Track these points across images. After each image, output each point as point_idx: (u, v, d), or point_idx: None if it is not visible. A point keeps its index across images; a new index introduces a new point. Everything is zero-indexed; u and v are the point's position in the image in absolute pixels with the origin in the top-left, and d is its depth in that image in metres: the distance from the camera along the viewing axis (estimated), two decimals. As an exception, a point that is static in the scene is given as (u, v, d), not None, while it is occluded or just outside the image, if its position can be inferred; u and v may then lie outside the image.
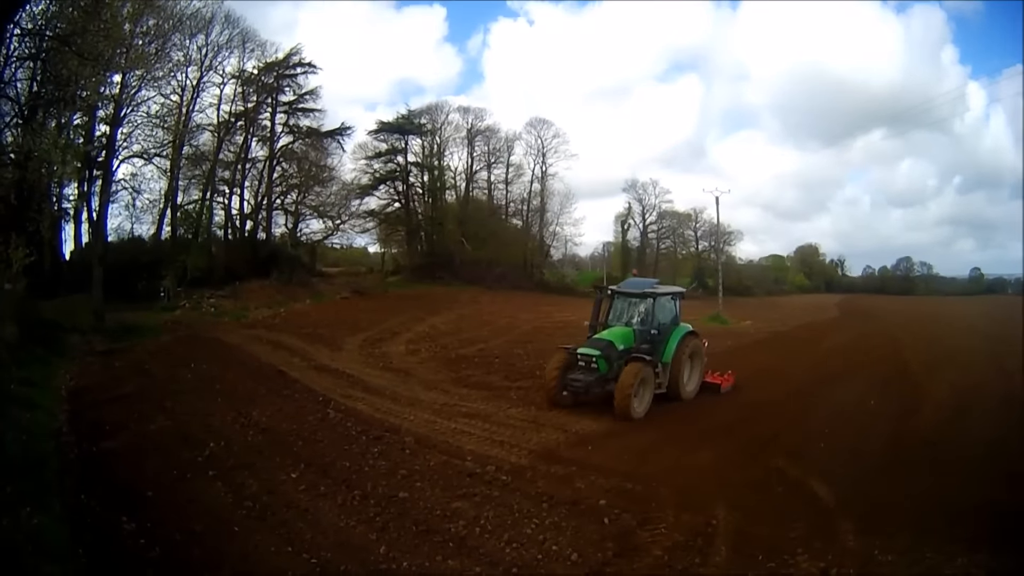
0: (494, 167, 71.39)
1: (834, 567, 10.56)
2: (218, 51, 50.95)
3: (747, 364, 28.92)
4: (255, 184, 56.87)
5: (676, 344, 22.73)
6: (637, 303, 23.43)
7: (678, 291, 25.16)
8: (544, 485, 14.46)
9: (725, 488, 14.01)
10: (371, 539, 12.04)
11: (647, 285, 23.97)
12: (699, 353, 23.91)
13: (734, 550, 11.24)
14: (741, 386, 24.36)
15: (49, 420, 17.53)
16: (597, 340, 21.84)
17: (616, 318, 23.60)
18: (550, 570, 10.88)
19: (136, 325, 35.03)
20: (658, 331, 22.63)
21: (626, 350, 21.50)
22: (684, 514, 12.73)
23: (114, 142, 39.25)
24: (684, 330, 23.53)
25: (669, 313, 23.87)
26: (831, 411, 20.98)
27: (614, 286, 24.46)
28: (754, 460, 16.11)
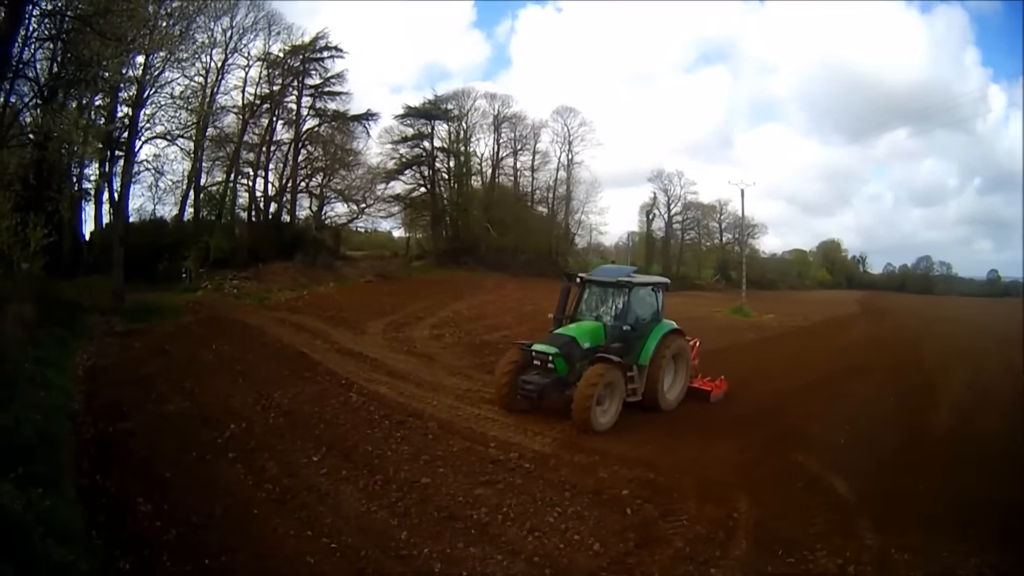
0: (520, 154, 70.84)
1: (852, 564, 10.63)
2: (243, 34, 50.73)
3: (770, 356, 30.30)
4: (280, 167, 56.72)
5: (655, 343, 19.83)
6: (610, 294, 20.57)
7: (661, 282, 21.96)
8: (567, 473, 14.48)
9: (747, 481, 14.08)
10: (392, 524, 12.02)
11: (623, 273, 20.63)
12: (685, 355, 21.09)
13: (755, 544, 11.30)
14: (765, 378, 24.28)
15: (65, 400, 17.31)
16: (557, 336, 19.30)
17: (585, 311, 20.82)
18: (572, 560, 10.89)
19: (157, 306, 34.94)
20: (634, 328, 19.76)
21: (592, 349, 18.91)
22: (706, 506, 12.80)
23: (136, 123, 39.00)
24: (666, 327, 20.53)
25: (649, 307, 20.84)
26: (851, 405, 20.89)
27: (584, 274, 21.40)
28: (776, 453, 16.14)
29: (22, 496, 9.13)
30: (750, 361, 28.45)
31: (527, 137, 70.24)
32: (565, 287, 21.16)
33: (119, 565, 9.97)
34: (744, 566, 10.57)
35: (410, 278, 55.96)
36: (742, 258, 64.43)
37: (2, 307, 21.07)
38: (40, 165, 32.70)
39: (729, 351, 30.36)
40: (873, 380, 24.65)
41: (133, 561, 10.17)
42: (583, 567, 10.67)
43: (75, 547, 9.18)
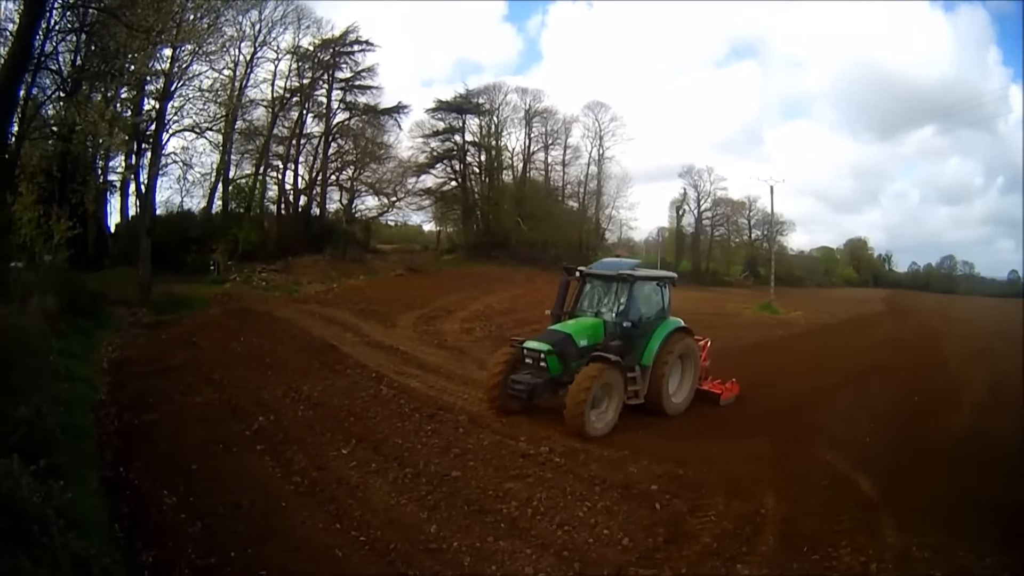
0: (551, 148, 71.02)
1: (874, 562, 10.60)
2: (272, 27, 50.86)
3: (797, 354, 30.39)
4: (310, 160, 56.94)
5: (660, 342, 18.78)
6: (611, 289, 19.53)
7: (667, 276, 20.92)
8: (597, 468, 14.46)
9: (774, 477, 14.10)
10: (422, 517, 11.99)
11: (626, 267, 19.44)
12: (693, 355, 19.96)
13: (781, 540, 11.32)
14: (792, 375, 24.21)
15: (89, 392, 17.30)
16: (551, 332, 18.25)
17: (585, 307, 19.78)
18: (601, 554, 10.88)
19: (184, 298, 34.97)
20: (636, 325, 18.72)
21: (589, 347, 17.90)
22: (734, 502, 12.83)
23: (164, 115, 39.05)
24: (672, 325, 19.50)
25: (653, 303, 19.82)
26: (875, 404, 20.41)
27: (583, 267, 20.43)
28: (802, 450, 16.04)
29: (42, 488, 8.91)
30: (778, 358, 28.87)
31: (558, 132, 70.51)
32: (564, 281, 20.22)
33: (142, 557, 9.88)
34: (770, 562, 10.60)
35: (441, 272, 55.96)
36: (770, 255, 64.91)
37: (24, 299, 21.05)
38: (64, 157, 32.82)
39: (757, 348, 31.23)
40: (897, 379, 24.30)
41: (156, 553, 10.08)
42: (612, 561, 10.65)
43: (96, 539, 9.07)
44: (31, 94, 24.19)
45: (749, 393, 21.20)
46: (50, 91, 27.86)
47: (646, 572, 10.37)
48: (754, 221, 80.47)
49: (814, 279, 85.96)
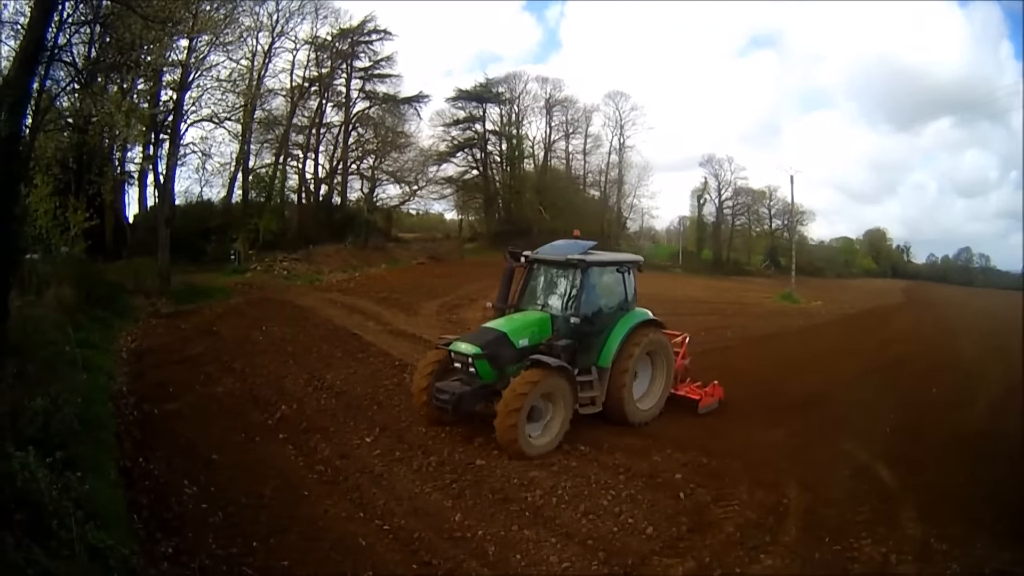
0: (572, 137, 70.72)
1: (894, 553, 10.64)
2: (290, 17, 50.33)
3: (818, 344, 30.22)
4: (330, 149, 56.81)
5: (621, 339, 16.47)
6: (561, 277, 17.06)
7: (630, 260, 18.07)
8: (621, 457, 14.53)
9: (797, 467, 14.13)
10: (446, 506, 12.10)
11: (579, 250, 16.86)
12: (664, 352, 17.76)
13: (803, 530, 11.37)
14: (813, 365, 24.12)
15: (107, 382, 17.31)
16: (484, 331, 15.88)
17: (531, 298, 17.33)
18: (625, 543, 10.96)
19: (205, 287, 34.99)
20: (590, 320, 16.35)
21: (531, 347, 15.54)
22: (757, 491, 12.89)
23: (181, 106, 39.00)
24: (637, 318, 17.11)
25: (613, 293, 17.42)
26: (895, 395, 20.33)
27: (529, 252, 17.72)
28: (825, 440, 16.01)
29: (59, 480, 8.90)
30: (799, 348, 28.88)
31: (579, 120, 70.22)
32: (508, 268, 17.61)
33: (161, 548, 9.90)
34: (793, 553, 10.62)
35: (462, 260, 56.00)
36: (791, 245, 65.24)
37: (40, 290, 21.17)
38: (80, 149, 33.00)
39: (778, 338, 31.48)
40: (915, 371, 24.28)
41: (177, 543, 10.13)
42: (636, 550, 10.71)
43: (114, 531, 9.01)
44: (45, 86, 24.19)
45: (771, 382, 21.14)
46: (64, 83, 27.87)
47: (670, 561, 10.40)
48: (774, 211, 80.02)
49: (834, 269, 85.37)
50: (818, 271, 77.65)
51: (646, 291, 39.66)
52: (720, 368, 21.45)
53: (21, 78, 13.77)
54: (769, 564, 10.28)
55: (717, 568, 10.18)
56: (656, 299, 25.43)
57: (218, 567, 9.75)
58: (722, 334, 30.06)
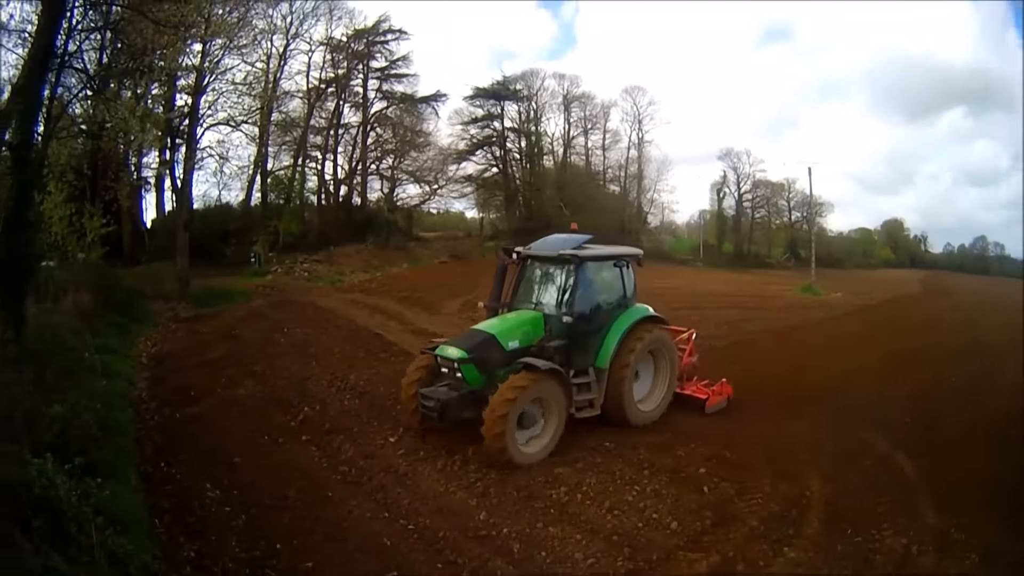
0: (591, 133, 70.19)
1: (915, 544, 10.70)
2: (304, 19, 50.38)
3: (839, 335, 30.16)
4: (349, 149, 56.87)
5: (619, 338, 15.82)
6: (554, 274, 16.36)
7: (628, 253, 17.33)
8: (646, 452, 14.49)
9: (819, 459, 14.08)
10: (471, 504, 12.16)
11: (573, 244, 16.14)
12: (667, 350, 17.03)
13: (825, 523, 11.40)
14: (835, 356, 24.24)
15: (127, 387, 17.41)
16: (472, 333, 15.25)
17: (524, 297, 16.61)
18: (650, 538, 11.03)
19: (225, 290, 35.16)
20: (586, 318, 15.64)
21: (521, 349, 14.83)
22: (780, 484, 12.93)
23: (197, 110, 39.11)
24: (636, 315, 16.47)
25: (610, 289, 16.71)
26: (914, 385, 20.44)
27: (521, 247, 16.94)
28: (846, 431, 15.96)
29: (79, 486, 8.93)
30: (820, 339, 28.93)
31: (597, 116, 69.77)
32: (500, 265, 16.96)
33: (183, 552, 9.95)
34: (815, 545, 10.67)
35: (484, 258, 55.58)
36: (811, 237, 64.99)
37: (57, 297, 21.24)
38: (95, 155, 33.26)
39: (799, 330, 31.31)
40: (934, 360, 24.29)
41: (199, 547, 10.18)
42: (661, 545, 10.79)
43: (135, 536, 9.05)
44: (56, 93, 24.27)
45: (793, 374, 21.23)
46: (76, 90, 27.97)
47: (694, 556, 10.46)
48: (793, 203, 79.78)
49: (853, 260, 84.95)
50: (837, 263, 77.19)
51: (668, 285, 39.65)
52: (742, 361, 22.06)
53: (31, 85, 13.80)
54: (792, 557, 10.33)
55: (741, 562, 10.25)
56: (678, 293, 25.48)
57: (241, 570, 9.77)
58: (744, 327, 30.11)
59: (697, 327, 27.92)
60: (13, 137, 13.44)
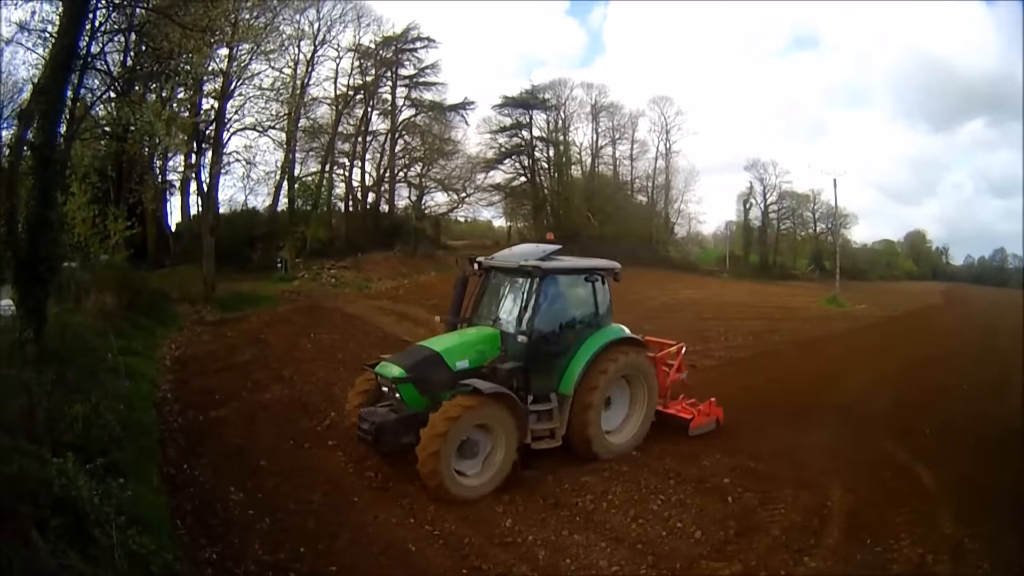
0: (619, 143, 71.49)
1: (931, 553, 10.71)
2: (331, 25, 51.07)
3: (862, 346, 30.74)
4: (377, 156, 57.63)
5: (586, 362, 14.27)
6: (515, 287, 14.95)
7: (601, 267, 15.59)
8: (671, 462, 14.53)
9: (840, 468, 14.10)
10: (497, 512, 12.13)
11: (537, 255, 14.85)
12: (644, 376, 15.46)
13: (846, 533, 11.42)
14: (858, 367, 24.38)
15: (151, 389, 17.49)
16: (415, 350, 14.07)
17: (484, 312, 15.26)
18: (674, 547, 11.03)
19: (251, 295, 35.43)
20: (546, 338, 14.18)
21: (471, 370, 13.54)
22: (802, 494, 12.93)
23: (223, 115, 39.37)
24: (608, 336, 14.94)
25: (579, 306, 15.23)
26: (934, 395, 20.65)
27: (483, 257, 15.75)
28: (867, 441, 16.12)
29: (100, 486, 8.96)
30: (844, 350, 29.27)
31: (625, 126, 70.94)
32: (461, 277, 15.70)
33: (205, 554, 9.93)
34: (835, 555, 10.69)
35: (512, 268, 56.08)
36: (835, 248, 65.56)
37: (79, 298, 21.37)
38: (119, 157, 33.57)
39: (824, 341, 31.71)
40: (954, 370, 24.47)
41: (221, 549, 10.15)
42: (684, 554, 10.79)
43: (157, 536, 9.01)
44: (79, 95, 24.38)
45: (817, 384, 21.44)
46: (100, 92, 28.12)
47: (717, 565, 10.47)
48: (818, 214, 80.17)
49: (876, 272, 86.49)
50: (861, 274, 78.72)
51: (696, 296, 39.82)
52: (767, 372, 22.78)
53: (53, 86, 13.81)
54: (813, 567, 10.37)
55: (763, 571, 10.30)
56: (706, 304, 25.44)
57: (264, 573, 9.74)
58: (769, 338, 30.43)
59: (724, 337, 28.17)
60: (35, 137, 13.49)
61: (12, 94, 35.33)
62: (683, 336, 27.43)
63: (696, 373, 21.27)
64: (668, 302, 41.93)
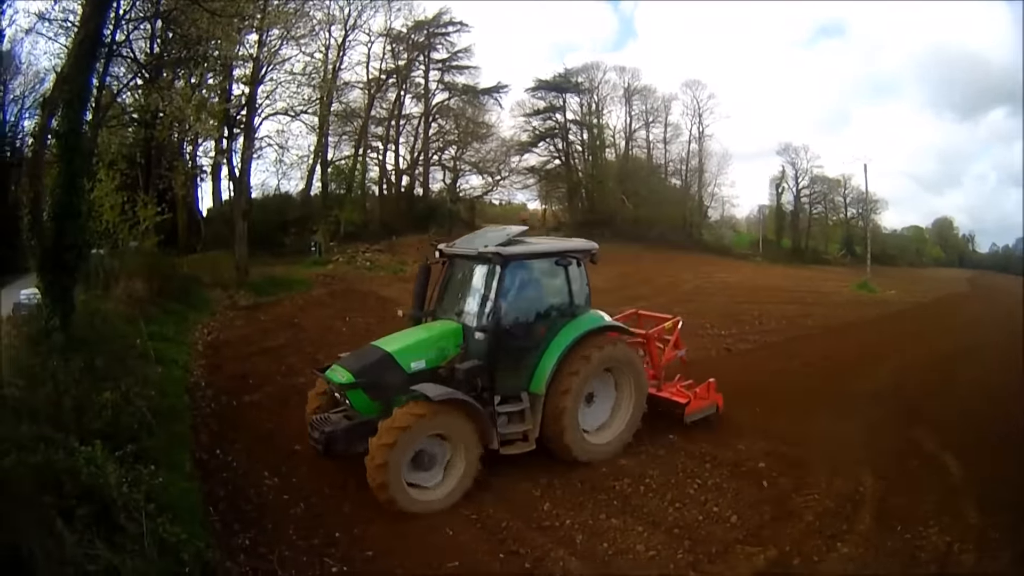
0: (652, 126, 70.83)
1: (957, 542, 10.71)
2: (362, 10, 50.73)
3: (893, 332, 30.29)
4: (411, 140, 57.37)
5: (559, 356, 13.01)
6: (477, 276, 13.57)
7: (572, 248, 14.18)
8: (707, 446, 14.50)
9: (872, 455, 14.12)
10: (535, 495, 12.16)
11: (500, 239, 13.57)
12: (630, 369, 14.16)
13: (876, 519, 11.49)
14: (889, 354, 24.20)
15: (183, 374, 17.46)
16: (366, 351, 12.99)
17: (447, 305, 14.02)
18: (710, 531, 11.10)
19: (285, 279, 35.36)
20: (511, 333, 12.79)
21: (428, 371, 12.41)
22: (836, 480, 13.03)
23: (254, 100, 39.30)
24: (585, 326, 13.54)
25: (550, 295, 13.79)
26: (962, 385, 20.27)
27: (445, 245, 14.57)
28: (897, 429, 16.01)
29: (130, 474, 8.91)
30: (875, 336, 29.22)
31: (658, 109, 70.39)
32: (423, 266, 14.41)
33: (238, 540, 9.96)
34: (866, 541, 10.76)
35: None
36: (866, 234, 66.11)
37: (108, 285, 21.46)
38: (148, 144, 33.81)
39: (856, 326, 31.57)
40: (982, 359, 24.05)
41: (255, 535, 10.20)
42: (720, 538, 10.85)
43: (189, 524, 9.01)
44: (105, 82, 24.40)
45: (850, 370, 21.28)
46: (127, 79, 28.19)
47: (752, 549, 10.54)
48: (849, 199, 79.64)
49: (905, 258, 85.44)
50: (891, 260, 78.02)
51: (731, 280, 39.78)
52: (801, 356, 22.81)
53: (78, 74, 13.73)
54: (845, 552, 10.42)
55: (796, 556, 10.34)
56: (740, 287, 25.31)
57: (298, 558, 9.74)
58: (802, 323, 30.46)
59: (758, 321, 28.17)
60: (60, 125, 13.43)
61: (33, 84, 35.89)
62: (718, 320, 28.01)
63: (731, 357, 22.22)
64: (702, 285, 42.26)
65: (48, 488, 7.99)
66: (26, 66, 37.07)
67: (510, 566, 10.05)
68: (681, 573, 9.95)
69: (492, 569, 10.01)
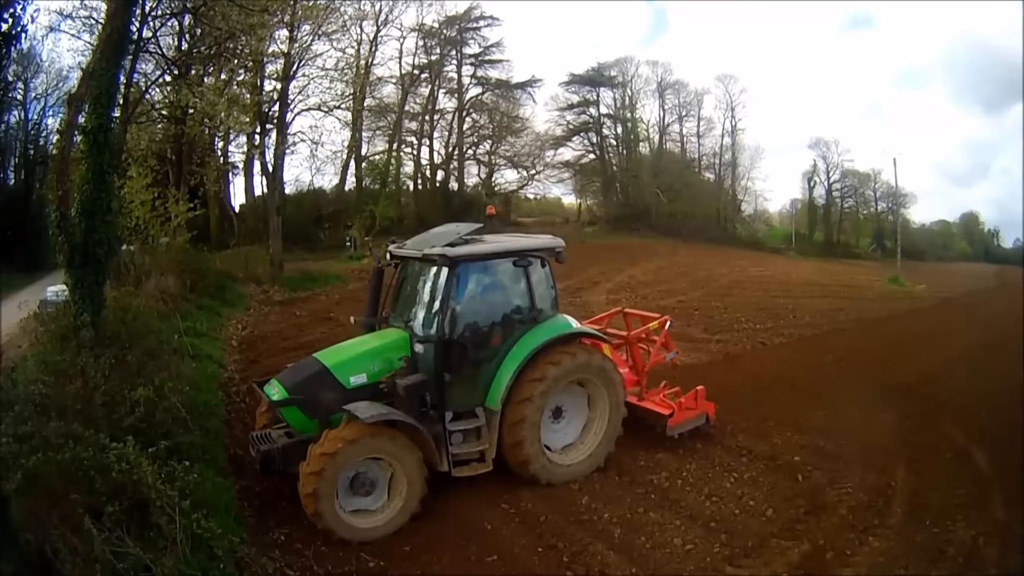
0: (685, 120, 70.81)
1: (982, 536, 10.83)
2: (393, 6, 51.08)
3: (925, 326, 30.51)
4: (445, 135, 58.05)
5: (517, 367, 11.82)
6: (427, 279, 12.46)
7: (534, 247, 12.84)
8: (743, 439, 14.68)
9: (905, 450, 14.25)
10: (573, 489, 12.24)
11: (450, 237, 12.32)
12: (603, 379, 12.73)
13: (908, 513, 11.59)
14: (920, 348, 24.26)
15: (217, 370, 17.42)
16: (303, 365, 11.98)
17: (398, 311, 13.09)
18: (745, 525, 11.20)
19: (320, 274, 35.37)
20: (461, 343, 11.59)
21: (369, 386, 11.35)
22: (869, 474, 13.12)
23: (287, 95, 39.40)
24: (548, 333, 12.30)
25: (508, 299, 12.60)
26: (990, 380, 20.04)
27: (395, 245, 13.68)
28: (929, 423, 16.08)
29: (162, 470, 8.82)
30: (907, 331, 29.21)
31: (691, 103, 70.44)
32: (376, 269, 13.81)
33: (273, 536, 9.99)
34: (898, 535, 10.86)
35: (583, 244, 55.64)
36: (896, 228, 66.40)
37: (139, 281, 21.55)
38: (179, 140, 34.03)
39: (887, 321, 31.46)
40: (1009, 354, 23.36)
41: (290, 531, 10.22)
42: (756, 532, 10.96)
43: (223, 520, 9.04)
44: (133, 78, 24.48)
45: (884, 364, 21.37)
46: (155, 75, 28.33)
47: (787, 543, 10.65)
48: (879, 193, 79.24)
49: (934, 252, 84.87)
50: (920, 254, 77.65)
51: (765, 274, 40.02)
52: (835, 351, 22.67)
53: (105, 70, 13.71)
54: (876, 546, 10.52)
55: (830, 550, 10.41)
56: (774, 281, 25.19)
57: (334, 554, 9.75)
58: (836, 317, 30.55)
59: (792, 315, 28.22)
60: (88, 121, 13.38)
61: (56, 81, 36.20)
62: (754, 314, 28.23)
63: (767, 350, 22.63)
64: (738, 279, 42.31)
65: (77, 485, 8.00)
66: (48, 64, 37.66)
67: (548, 560, 10.07)
68: (717, 567, 9.98)
69: (530, 563, 10.00)
